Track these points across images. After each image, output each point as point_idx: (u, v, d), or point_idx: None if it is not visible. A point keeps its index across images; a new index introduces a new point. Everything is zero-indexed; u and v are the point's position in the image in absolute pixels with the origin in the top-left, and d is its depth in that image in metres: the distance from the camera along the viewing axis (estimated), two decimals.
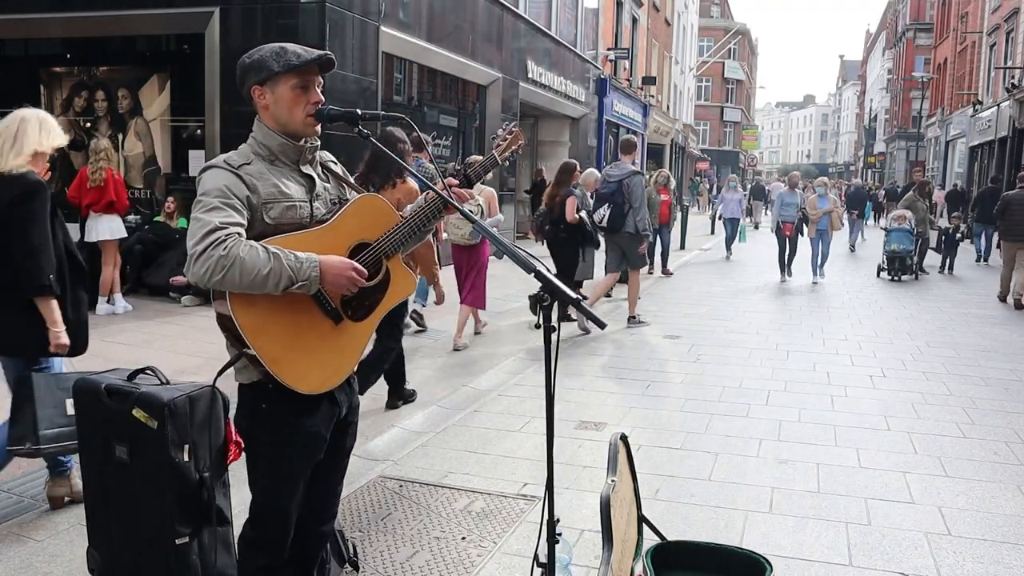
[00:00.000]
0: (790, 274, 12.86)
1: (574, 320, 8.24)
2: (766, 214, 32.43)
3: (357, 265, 2.15)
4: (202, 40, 9.38)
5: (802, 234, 13.01)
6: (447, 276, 6.66)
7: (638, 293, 8.88)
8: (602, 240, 8.37)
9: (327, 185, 2.35)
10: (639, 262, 8.63)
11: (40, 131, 3.57)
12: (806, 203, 13.04)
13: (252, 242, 2.03)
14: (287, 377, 2.11)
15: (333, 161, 2.44)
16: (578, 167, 8.43)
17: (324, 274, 2.08)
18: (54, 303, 3.37)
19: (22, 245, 3.31)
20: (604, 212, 8.22)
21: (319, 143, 2.35)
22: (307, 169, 2.29)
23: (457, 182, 2.38)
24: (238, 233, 2.03)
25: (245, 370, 2.20)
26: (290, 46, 2.21)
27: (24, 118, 3.57)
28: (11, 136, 3.49)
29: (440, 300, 5.91)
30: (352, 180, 2.46)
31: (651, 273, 13.06)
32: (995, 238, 16.04)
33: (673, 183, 14.70)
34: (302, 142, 2.26)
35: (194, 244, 1.99)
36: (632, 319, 8.66)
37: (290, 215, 2.19)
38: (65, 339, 3.40)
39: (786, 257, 12.82)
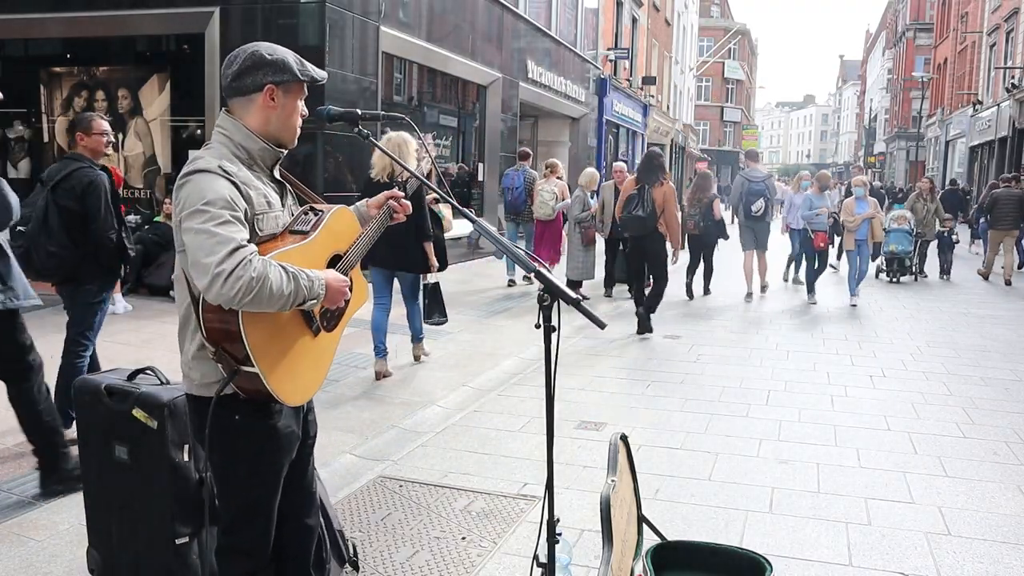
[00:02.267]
0: (814, 299, 10.51)
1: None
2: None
3: (349, 281, 2.20)
4: (202, 40, 9.39)
5: (834, 244, 10.96)
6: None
7: (764, 272, 11.22)
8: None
9: (288, 190, 2.36)
10: (767, 245, 11.06)
11: (410, 145, 5.69)
12: (841, 208, 10.68)
13: (269, 260, 1.97)
14: (281, 391, 2.08)
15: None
16: (711, 176, 11.51)
17: (327, 291, 2.10)
18: (431, 246, 5.92)
19: (422, 216, 5.72)
20: (762, 204, 10.66)
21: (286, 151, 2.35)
22: (277, 175, 2.29)
23: (403, 194, 2.46)
24: (255, 250, 1.97)
25: (212, 385, 2.13)
26: (305, 60, 2.24)
27: (398, 144, 5.63)
28: (401, 148, 5.60)
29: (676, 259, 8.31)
30: (303, 185, 2.45)
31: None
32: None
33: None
34: (280, 148, 2.24)
35: (219, 262, 1.88)
36: (764, 287, 11.27)
37: (271, 225, 2.17)
38: (436, 264, 6.03)
39: (814, 273, 10.57)
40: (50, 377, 5.64)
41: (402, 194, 2.43)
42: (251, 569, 2.28)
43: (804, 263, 10.96)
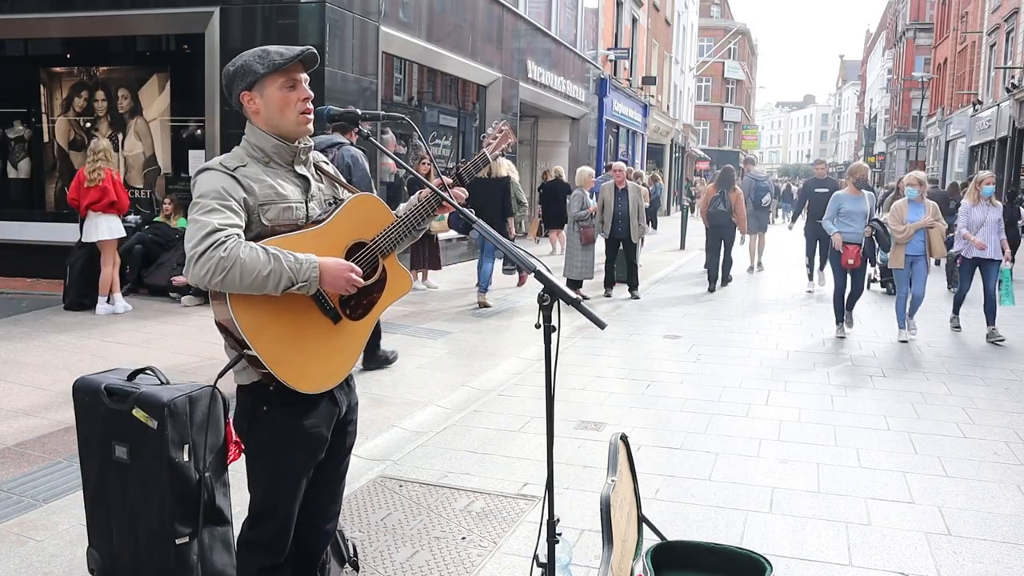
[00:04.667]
0: (849, 323, 8.44)
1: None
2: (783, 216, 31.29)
3: (355, 266, 2.16)
4: (202, 40, 9.39)
5: (872, 263, 8.64)
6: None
7: (762, 250, 14.20)
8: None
9: (321, 186, 2.36)
10: (766, 228, 14.01)
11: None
12: (889, 214, 8.22)
13: (252, 243, 2.03)
14: (288, 377, 2.10)
15: (325, 162, 2.45)
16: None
17: (323, 275, 2.09)
18: (511, 220, 9.27)
19: (507, 200, 9.19)
20: (769, 199, 13.90)
21: (312, 144, 2.35)
22: (301, 170, 2.29)
23: (451, 181, 2.40)
24: (237, 234, 2.03)
25: (244, 372, 2.20)
26: (271, 47, 2.21)
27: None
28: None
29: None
30: (344, 180, 2.47)
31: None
32: None
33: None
34: (295, 143, 2.26)
35: (194, 246, 1.98)
36: (760, 266, 14.14)
37: (286, 216, 2.20)
38: (514, 232, 9.19)
39: (846, 297, 8.32)
40: (54, 378, 5.64)
41: (451, 181, 2.41)
42: (268, 564, 2.30)
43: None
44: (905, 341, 8.01)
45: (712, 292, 11.39)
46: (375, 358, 6.18)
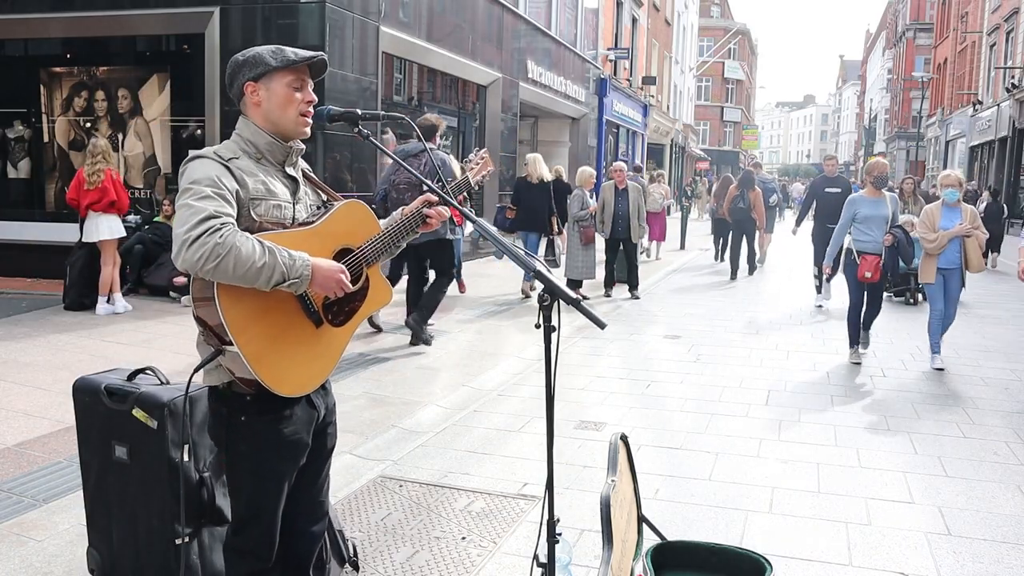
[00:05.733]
0: (865, 344, 7.37)
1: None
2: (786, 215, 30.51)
3: (345, 269, 2.15)
4: (202, 40, 9.38)
5: (890, 278, 7.78)
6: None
7: (767, 248, 15.39)
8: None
9: (307, 190, 2.35)
10: (772, 227, 15.58)
11: (542, 160, 10.24)
12: (919, 220, 7.06)
13: (247, 234, 2.00)
14: (267, 377, 2.06)
15: (308, 168, 2.44)
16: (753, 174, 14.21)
17: (314, 275, 2.06)
18: (556, 218, 10.08)
19: (551, 201, 10.09)
20: (777, 198, 15.77)
21: (304, 147, 2.34)
22: (291, 171, 2.29)
23: (436, 200, 2.39)
24: (232, 224, 2.01)
25: (216, 371, 2.15)
26: (285, 47, 2.22)
27: (536, 157, 10.18)
28: (539, 163, 10.06)
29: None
30: (328, 188, 2.47)
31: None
32: None
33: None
34: (289, 143, 2.25)
35: (187, 230, 1.94)
36: (760, 262, 14.85)
37: (275, 214, 2.18)
38: (556, 228, 10.23)
39: (862, 315, 7.20)
40: (54, 378, 5.65)
41: (436, 199, 2.37)
42: (255, 569, 2.29)
43: None
44: (941, 369, 6.83)
45: (733, 280, 12.85)
46: (420, 336, 7.00)
